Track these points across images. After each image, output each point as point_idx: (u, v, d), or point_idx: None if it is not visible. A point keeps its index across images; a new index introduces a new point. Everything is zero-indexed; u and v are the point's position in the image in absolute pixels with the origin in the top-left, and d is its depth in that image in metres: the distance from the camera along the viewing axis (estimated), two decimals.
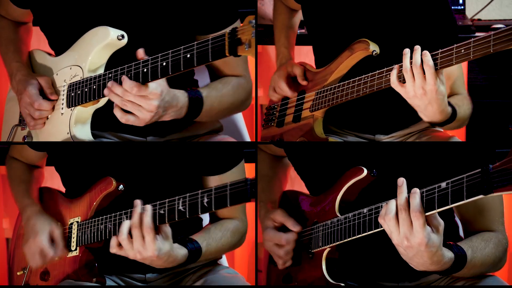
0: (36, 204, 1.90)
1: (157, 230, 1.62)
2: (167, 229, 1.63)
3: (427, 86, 1.66)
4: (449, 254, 1.55)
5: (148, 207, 1.62)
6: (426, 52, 1.65)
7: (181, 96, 1.77)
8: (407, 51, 1.69)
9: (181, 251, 1.68)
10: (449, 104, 1.76)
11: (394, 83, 1.71)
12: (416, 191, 1.49)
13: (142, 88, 1.69)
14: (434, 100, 1.68)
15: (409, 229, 1.49)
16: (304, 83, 2.02)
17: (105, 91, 1.73)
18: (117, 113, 1.73)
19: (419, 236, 1.47)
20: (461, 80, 1.94)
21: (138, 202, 1.64)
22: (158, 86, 1.70)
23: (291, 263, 1.81)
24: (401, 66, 1.70)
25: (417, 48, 1.67)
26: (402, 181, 1.52)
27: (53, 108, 1.87)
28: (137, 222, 1.61)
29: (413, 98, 1.70)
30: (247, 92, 1.95)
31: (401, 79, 1.71)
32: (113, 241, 1.64)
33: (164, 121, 1.90)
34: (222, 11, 1.88)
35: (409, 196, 1.50)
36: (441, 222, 1.51)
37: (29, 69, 1.96)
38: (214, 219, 1.87)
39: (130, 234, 1.62)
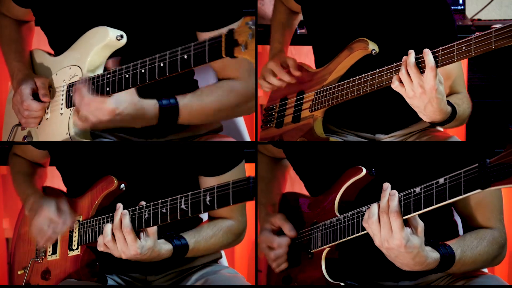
0: (39, 192, 1.91)
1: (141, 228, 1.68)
2: (150, 227, 1.68)
3: (427, 85, 1.66)
4: (434, 255, 1.56)
5: (125, 212, 1.67)
6: (428, 51, 1.66)
7: (150, 108, 1.77)
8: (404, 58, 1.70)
9: (165, 246, 1.71)
10: (449, 103, 1.76)
11: (395, 83, 1.72)
12: (395, 193, 1.52)
13: (96, 99, 1.72)
14: (433, 99, 1.68)
15: (389, 231, 1.52)
16: (297, 73, 2.01)
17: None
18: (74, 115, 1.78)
19: (397, 237, 1.50)
20: (461, 79, 1.94)
21: (119, 206, 1.69)
22: (115, 102, 1.72)
23: (286, 266, 1.81)
24: (397, 71, 1.71)
25: (411, 52, 1.68)
26: (387, 186, 1.54)
27: (48, 109, 1.87)
28: (117, 224, 1.67)
29: (412, 98, 1.70)
30: (242, 96, 1.88)
31: (401, 82, 1.71)
32: (100, 240, 1.70)
33: None
34: (224, 7, 1.86)
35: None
36: (421, 223, 1.52)
37: (30, 69, 1.96)
38: (210, 218, 1.87)
39: (113, 235, 1.68)
